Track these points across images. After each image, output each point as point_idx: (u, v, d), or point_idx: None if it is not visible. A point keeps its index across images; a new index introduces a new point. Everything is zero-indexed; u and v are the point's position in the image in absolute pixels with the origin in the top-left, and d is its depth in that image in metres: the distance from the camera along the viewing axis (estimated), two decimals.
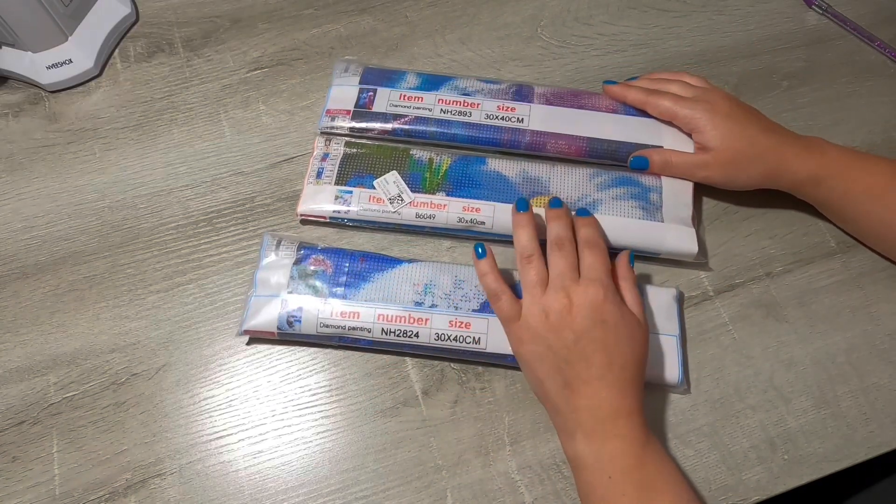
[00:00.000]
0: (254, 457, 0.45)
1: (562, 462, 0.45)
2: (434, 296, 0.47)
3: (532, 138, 0.53)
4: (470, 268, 0.48)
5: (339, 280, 0.47)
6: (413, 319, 0.46)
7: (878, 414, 0.47)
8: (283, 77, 0.59)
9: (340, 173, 0.51)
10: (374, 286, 0.47)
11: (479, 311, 0.46)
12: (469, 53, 0.60)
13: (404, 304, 0.46)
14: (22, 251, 0.51)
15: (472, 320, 0.46)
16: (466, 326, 0.46)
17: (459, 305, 0.46)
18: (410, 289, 0.47)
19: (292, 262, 0.48)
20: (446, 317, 0.46)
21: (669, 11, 0.63)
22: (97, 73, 0.58)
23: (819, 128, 0.57)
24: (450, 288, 0.47)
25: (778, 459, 0.45)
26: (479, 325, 0.46)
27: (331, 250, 0.49)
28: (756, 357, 0.48)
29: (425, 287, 0.47)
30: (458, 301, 0.47)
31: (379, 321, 0.46)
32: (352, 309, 0.46)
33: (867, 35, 0.61)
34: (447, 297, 0.47)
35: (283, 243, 0.49)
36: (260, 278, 0.47)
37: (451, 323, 0.46)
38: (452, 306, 0.46)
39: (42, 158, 0.55)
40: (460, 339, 0.46)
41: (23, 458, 0.45)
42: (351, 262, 0.48)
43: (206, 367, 0.47)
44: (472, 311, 0.46)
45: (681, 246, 0.49)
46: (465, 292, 0.47)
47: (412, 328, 0.46)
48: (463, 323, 0.46)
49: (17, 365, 0.47)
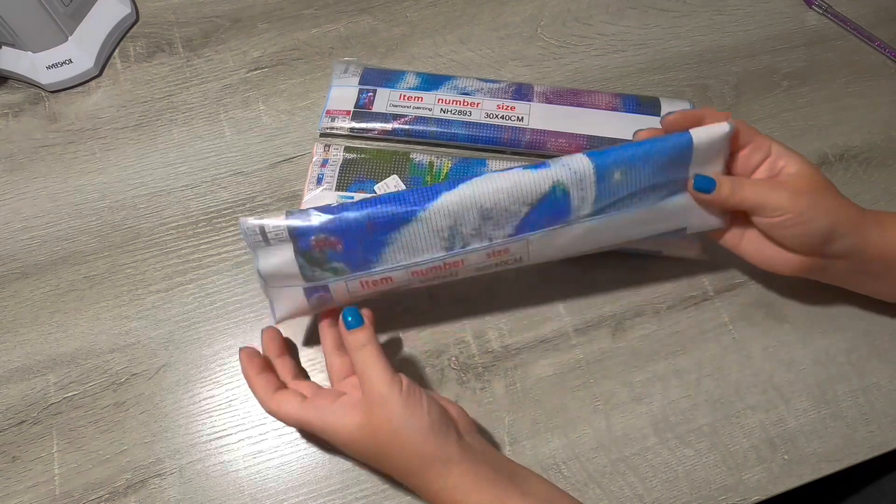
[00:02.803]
0: (254, 457, 0.45)
1: (562, 462, 0.45)
2: (464, 236, 0.41)
3: (532, 137, 0.53)
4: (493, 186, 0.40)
5: (357, 254, 0.41)
6: (448, 265, 0.42)
7: (878, 414, 0.47)
8: (283, 77, 0.59)
9: (341, 179, 0.51)
10: (396, 247, 0.41)
11: (515, 235, 0.41)
12: (469, 53, 0.60)
13: (434, 255, 0.41)
14: (22, 251, 0.51)
15: (510, 245, 0.41)
16: (505, 252, 0.42)
17: (493, 236, 0.41)
18: (435, 237, 0.41)
19: (292, 251, 0.41)
20: (482, 252, 0.41)
21: (669, 11, 0.63)
22: (97, 73, 0.58)
23: (819, 128, 0.57)
24: (477, 222, 0.41)
25: (778, 459, 0.45)
26: (518, 246, 0.42)
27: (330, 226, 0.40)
28: (756, 357, 0.48)
29: (450, 230, 0.41)
30: (491, 231, 0.41)
31: (414, 276, 0.42)
32: (382, 276, 0.42)
33: (867, 35, 0.61)
34: (477, 233, 0.41)
35: (269, 230, 0.40)
36: (266, 274, 0.41)
37: (489, 254, 0.42)
38: (487, 238, 0.41)
39: (42, 158, 0.55)
40: (501, 263, 0.43)
41: (23, 458, 0.45)
42: (360, 232, 0.40)
43: (206, 367, 0.47)
44: (507, 236, 0.41)
45: (683, 244, 0.49)
46: (496, 220, 0.41)
47: (450, 271, 0.42)
48: (501, 251, 0.42)
49: (17, 365, 0.47)
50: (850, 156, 0.56)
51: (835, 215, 0.41)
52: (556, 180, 0.40)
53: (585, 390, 0.47)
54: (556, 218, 0.41)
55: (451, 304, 0.49)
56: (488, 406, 0.46)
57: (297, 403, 0.41)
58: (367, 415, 0.38)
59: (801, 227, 0.41)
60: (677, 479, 0.44)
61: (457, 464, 0.38)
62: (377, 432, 0.38)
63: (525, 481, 0.39)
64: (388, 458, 0.39)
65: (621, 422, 0.46)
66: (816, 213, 0.41)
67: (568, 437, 0.45)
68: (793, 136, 0.56)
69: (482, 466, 0.38)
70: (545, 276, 0.50)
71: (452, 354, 0.48)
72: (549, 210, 0.41)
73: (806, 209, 0.41)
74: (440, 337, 0.48)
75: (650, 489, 0.44)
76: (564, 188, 0.40)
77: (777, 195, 0.41)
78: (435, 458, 0.37)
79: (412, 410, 0.37)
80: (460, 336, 0.49)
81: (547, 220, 0.41)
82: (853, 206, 0.43)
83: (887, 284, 0.46)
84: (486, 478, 0.38)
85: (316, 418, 0.40)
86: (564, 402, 0.46)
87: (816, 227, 0.41)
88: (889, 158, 0.56)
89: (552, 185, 0.40)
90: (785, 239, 0.42)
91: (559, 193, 0.40)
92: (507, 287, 0.50)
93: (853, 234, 0.42)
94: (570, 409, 0.46)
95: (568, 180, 0.40)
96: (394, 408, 0.37)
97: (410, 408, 0.37)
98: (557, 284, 0.50)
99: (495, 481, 0.38)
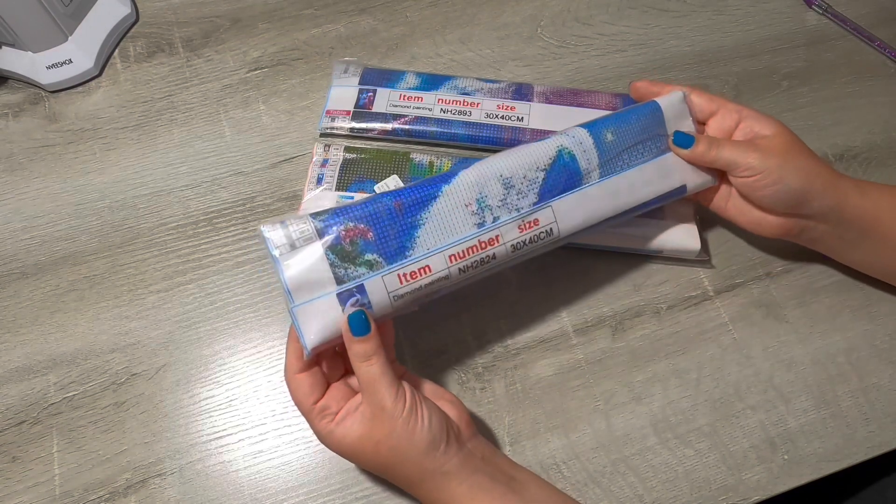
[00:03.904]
0: (254, 457, 0.45)
1: (562, 462, 0.45)
2: (492, 208, 0.41)
3: (532, 137, 0.53)
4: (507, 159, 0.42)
5: (390, 241, 0.39)
6: (484, 244, 0.41)
7: (878, 414, 0.47)
8: (283, 77, 0.59)
9: (341, 179, 0.51)
10: (429, 228, 0.39)
11: (540, 203, 0.42)
12: (469, 53, 0.60)
13: (467, 232, 0.40)
14: (22, 251, 0.51)
15: (538, 215, 0.42)
16: (536, 223, 0.42)
17: (520, 206, 0.42)
18: (464, 212, 0.40)
19: (322, 246, 0.37)
20: (514, 224, 0.41)
21: (669, 11, 0.63)
22: (97, 73, 0.58)
23: (819, 128, 0.57)
24: (501, 192, 0.41)
25: (778, 459, 0.45)
26: (546, 215, 0.42)
27: (354, 210, 0.38)
28: (756, 357, 0.48)
29: (478, 202, 0.41)
30: (516, 200, 0.42)
31: (452, 263, 0.40)
32: (420, 265, 0.39)
33: (867, 35, 0.61)
34: (504, 203, 0.41)
35: (293, 229, 0.37)
36: (293, 286, 0.37)
37: (521, 227, 0.42)
38: (514, 209, 0.41)
39: (42, 158, 0.55)
40: (535, 238, 0.42)
41: (23, 458, 0.45)
42: (389, 216, 0.39)
43: (206, 367, 0.47)
44: (533, 205, 0.42)
45: (683, 243, 0.49)
46: (518, 189, 0.42)
47: (487, 252, 0.41)
48: (531, 222, 0.42)
49: (17, 365, 0.47)
50: (850, 156, 0.56)
51: (806, 175, 0.43)
52: (561, 145, 0.43)
53: (585, 390, 0.47)
54: (570, 181, 0.43)
55: (451, 304, 0.49)
56: (488, 406, 0.46)
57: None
58: (369, 428, 0.38)
59: (772, 188, 0.43)
60: (677, 479, 0.44)
61: (454, 475, 0.38)
62: (378, 446, 0.38)
63: (523, 486, 0.39)
64: (391, 469, 0.38)
65: (621, 422, 0.46)
66: (787, 173, 0.43)
67: (568, 437, 0.45)
68: None
69: (480, 476, 0.38)
70: (545, 276, 0.50)
71: (452, 354, 0.48)
72: (563, 173, 0.43)
73: (776, 168, 0.43)
74: (440, 337, 0.48)
75: (650, 489, 0.44)
76: (570, 151, 0.43)
77: (750, 155, 0.43)
78: (434, 472, 0.37)
79: (413, 426, 0.37)
80: (460, 336, 0.49)
81: (564, 184, 0.43)
82: (827, 168, 0.45)
83: (862, 252, 0.47)
84: (484, 487, 0.38)
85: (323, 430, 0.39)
86: (564, 402, 0.46)
87: (788, 186, 0.43)
88: (889, 158, 0.56)
89: (558, 150, 0.43)
90: (761, 200, 0.44)
91: (566, 157, 0.43)
92: (507, 287, 0.50)
93: (828, 195, 0.44)
94: (570, 409, 0.46)
95: (570, 145, 0.43)
96: (396, 423, 0.37)
97: (412, 423, 0.37)
98: (557, 284, 0.50)
99: (492, 490, 0.38)
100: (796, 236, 0.46)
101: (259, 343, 0.48)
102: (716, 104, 0.46)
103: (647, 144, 0.45)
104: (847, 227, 0.45)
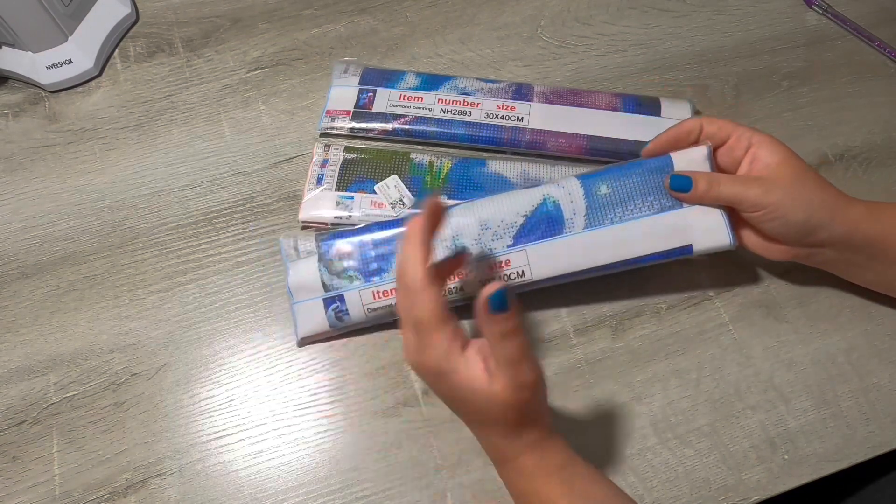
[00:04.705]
0: (254, 457, 0.45)
1: None
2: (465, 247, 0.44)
3: (532, 137, 0.53)
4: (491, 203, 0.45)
5: (370, 264, 0.45)
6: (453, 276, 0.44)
7: (878, 414, 0.47)
8: (283, 77, 0.59)
9: (341, 179, 0.51)
10: None
11: (514, 245, 0.44)
12: (469, 53, 0.60)
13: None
14: (22, 251, 0.51)
15: (511, 256, 0.44)
16: (507, 264, 0.44)
17: (493, 247, 0.44)
18: (439, 247, 0.44)
19: (317, 261, 0.46)
20: (485, 263, 0.44)
21: (669, 11, 0.63)
22: (97, 73, 0.58)
23: (819, 128, 0.57)
24: (477, 233, 0.44)
25: (778, 459, 0.45)
26: (519, 258, 0.44)
27: (348, 235, 0.47)
28: (756, 357, 0.48)
29: (453, 240, 0.44)
30: (490, 241, 0.44)
31: None
32: (392, 286, 0.45)
33: (867, 35, 0.61)
34: (478, 242, 0.44)
35: (301, 243, 0.48)
36: (293, 286, 0.47)
37: (491, 266, 0.44)
38: (487, 249, 0.44)
39: (42, 158, 0.55)
40: (505, 277, 0.44)
41: (23, 458, 0.45)
42: (374, 243, 0.46)
43: (206, 367, 0.47)
44: (507, 247, 0.44)
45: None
46: (494, 231, 0.44)
47: (455, 283, 0.44)
48: (502, 262, 0.44)
49: (17, 365, 0.47)
50: (850, 156, 0.56)
51: (810, 207, 0.42)
52: (547, 194, 0.44)
53: (585, 390, 0.47)
54: (551, 229, 0.44)
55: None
56: None
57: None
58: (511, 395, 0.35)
59: (778, 221, 0.42)
60: (677, 479, 0.44)
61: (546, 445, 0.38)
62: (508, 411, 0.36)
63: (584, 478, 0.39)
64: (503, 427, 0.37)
65: (621, 422, 0.46)
66: (793, 206, 0.42)
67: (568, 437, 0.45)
68: (793, 136, 0.56)
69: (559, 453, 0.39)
70: None
71: None
72: (544, 220, 0.44)
73: (781, 202, 0.42)
74: None
75: (650, 489, 0.44)
76: (555, 200, 0.44)
77: (753, 191, 0.42)
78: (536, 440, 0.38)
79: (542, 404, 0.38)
80: None
81: (543, 231, 0.44)
82: (834, 196, 0.43)
83: (873, 273, 0.46)
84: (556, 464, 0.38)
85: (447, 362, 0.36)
86: (564, 402, 0.46)
87: (793, 219, 0.42)
88: (889, 158, 0.56)
89: (543, 197, 0.44)
90: (768, 231, 0.44)
91: (551, 205, 0.44)
92: None
93: (837, 225, 0.43)
94: (570, 409, 0.46)
95: (557, 194, 0.44)
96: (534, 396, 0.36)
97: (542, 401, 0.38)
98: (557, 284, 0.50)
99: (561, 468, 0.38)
100: (805, 259, 0.46)
101: (259, 343, 0.48)
102: (726, 131, 0.44)
103: (648, 199, 0.44)
104: (856, 251, 0.44)
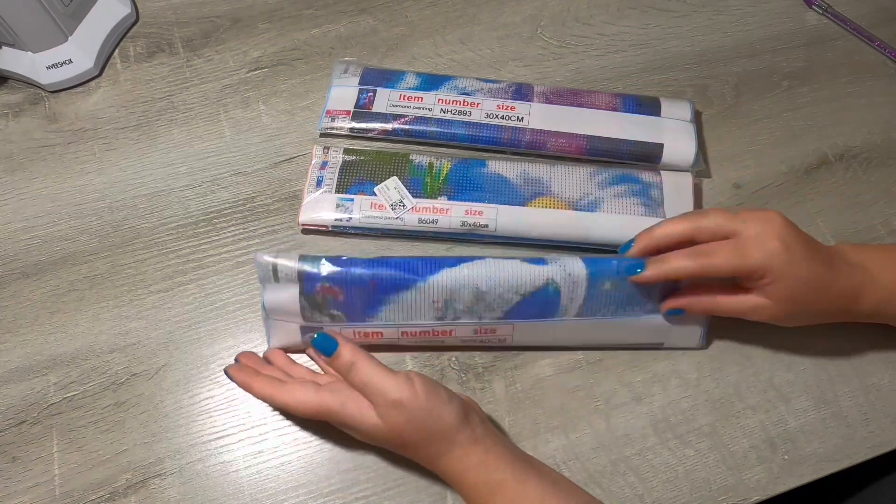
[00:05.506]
0: (254, 457, 0.45)
1: (562, 462, 0.45)
2: (456, 311, 0.44)
3: (532, 137, 0.53)
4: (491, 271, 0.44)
5: (356, 307, 0.44)
6: (437, 332, 0.45)
7: (878, 414, 0.47)
8: (283, 77, 0.59)
9: (340, 181, 0.51)
10: (393, 308, 0.44)
11: (503, 318, 0.44)
12: (469, 53, 0.60)
13: (426, 320, 0.44)
14: (22, 251, 0.51)
15: (497, 325, 0.45)
16: (492, 332, 0.45)
17: (483, 317, 0.44)
18: (430, 306, 0.44)
19: (297, 291, 0.43)
20: (471, 327, 0.45)
21: (669, 11, 0.63)
22: (97, 73, 0.58)
23: (819, 128, 0.57)
24: (471, 301, 0.44)
25: (778, 459, 0.45)
26: (505, 329, 0.45)
27: (336, 277, 0.43)
28: (756, 357, 0.48)
29: (445, 302, 0.44)
30: (482, 311, 0.44)
31: (403, 336, 0.45)
32: (374, 330, 0.45)
33: (867, 35, 0.61)
34: (470, 310, 0.44)
35: (281, 269, 0.43)
36: (270, 307, 0.44)
37: (476, 331, 0.45)
38: (477, 317, 0.44)
39: (42, 158, 0.55)
40: (486, 341, 0.46)
41: (23, 458, 0.45)
42: (363, 288, 0.43)
43: (206, 367, 0.47)
44: (497, 319, 0.44)
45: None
46: (488, 303, 0.44)
47: (438, 339, 0.46)
48: (488, 329, 0.45)
49: (17, 365, 0.47)
50: (850, 156, 0.56)
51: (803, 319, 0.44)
52: (551, 278, 0.44)
53: (585, 390, 0.47)
54: (544, 312, 0.44)
55: None
56: (488, 406, 0.46)
57: (313, 390, 0.40)
58: (384, 420, 0.39)
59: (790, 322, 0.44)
60: (677, 479, 0.44)
61: (481, 442, 0.39)
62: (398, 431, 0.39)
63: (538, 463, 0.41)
64: (413, 448, 0.40)
65: (621, 422, 0.46)
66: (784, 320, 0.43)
67: (568, 438, 0.45)
68: (793, 136, 0.56)
69: (502, 447, 0.40)
70: None
71: (452, 354, 0.48)
72: (539, 303, 0.44)
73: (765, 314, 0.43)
74: None
75: (650, 489, 0.44)
76: (557, 287, 0.44)
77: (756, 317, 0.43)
78: (463, 440, 0.39)
79: (434, 404, 0.39)
80: None
81: (535, 313, 0.45)
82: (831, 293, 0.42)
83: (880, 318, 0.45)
84: (507, 459, 0.39)
85: (336, 403, 0.39)
86: (564, 402, 0.47)
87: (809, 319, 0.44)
88: (889, 158, 0.56)
89: (546, 282, 0.44)
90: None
91: (551, 291, 0.44)
92: None
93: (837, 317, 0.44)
94: (570, 409, 0.46)
95: (562, 281, 0.44)
96: (413, 408, 0.38)
97: (433, 402, 0.39)
98: None
99: (513, 460, 0.39)
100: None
101: (259, 343, 0.48)
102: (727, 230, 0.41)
103: (645, 305, 0.45)
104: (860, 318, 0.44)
